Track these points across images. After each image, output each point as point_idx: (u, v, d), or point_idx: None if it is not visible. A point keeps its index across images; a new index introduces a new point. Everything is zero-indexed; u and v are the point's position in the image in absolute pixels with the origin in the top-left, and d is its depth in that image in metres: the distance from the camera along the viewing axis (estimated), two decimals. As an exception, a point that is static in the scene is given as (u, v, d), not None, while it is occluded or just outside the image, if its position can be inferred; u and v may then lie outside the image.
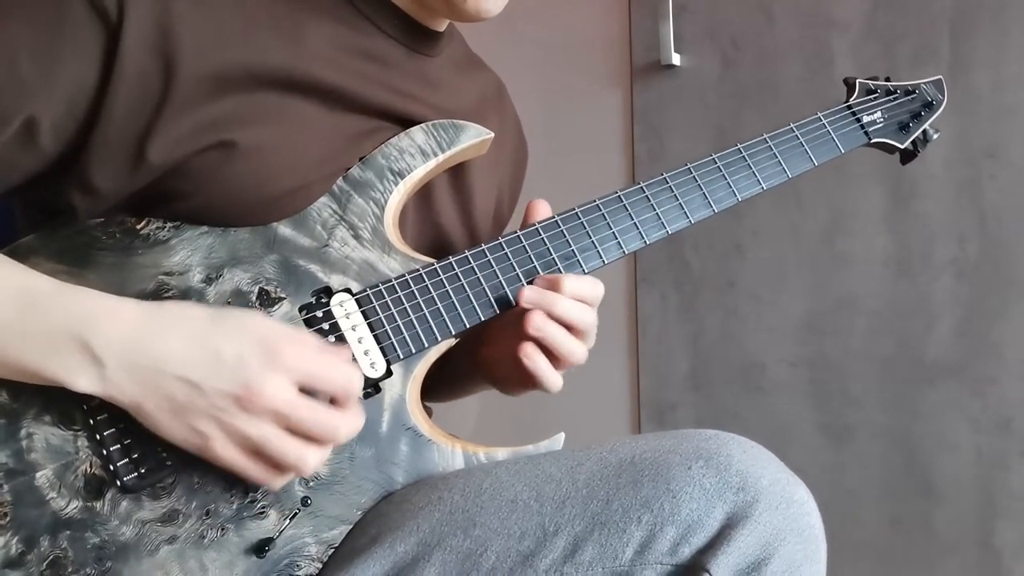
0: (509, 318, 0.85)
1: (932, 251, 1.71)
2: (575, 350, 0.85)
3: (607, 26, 1.94)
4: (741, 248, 1.84)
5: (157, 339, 0.70)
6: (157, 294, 0.76)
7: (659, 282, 1.90)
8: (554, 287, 0.84)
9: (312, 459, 0.72)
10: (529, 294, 0.83)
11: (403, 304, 0.81)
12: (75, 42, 0.73)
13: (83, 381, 0.69)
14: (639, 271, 1.92)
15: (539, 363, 0.84)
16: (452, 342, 0.83)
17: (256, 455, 0.71)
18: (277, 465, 0.72)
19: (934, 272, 1.71)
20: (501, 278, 0.84)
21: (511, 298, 0.84)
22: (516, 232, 0.86)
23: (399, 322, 0.81)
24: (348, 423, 0.74)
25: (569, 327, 0.84)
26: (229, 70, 0.76)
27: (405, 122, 0.87)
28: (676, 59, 1.86)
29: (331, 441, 0.73)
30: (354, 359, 0.79)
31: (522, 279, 0.85)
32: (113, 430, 0.72)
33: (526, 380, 0.86)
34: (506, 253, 0.85)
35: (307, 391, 0.72)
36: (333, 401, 0.74)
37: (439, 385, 1.05)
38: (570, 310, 0.83)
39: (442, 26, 0.93)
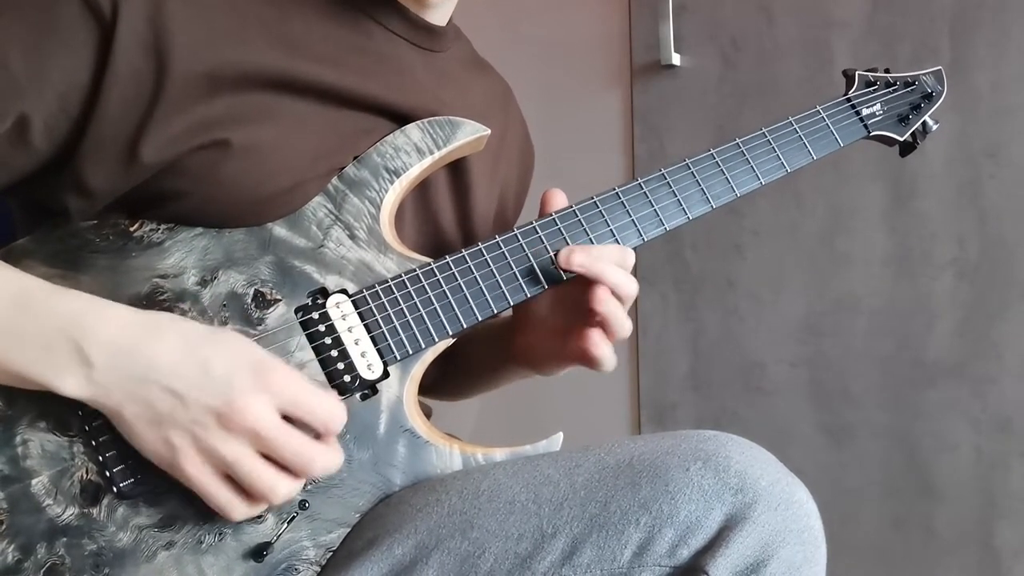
0: (541, 300, 0.84)
1: (932, 251, 1.71)
2: (626, 324, 0.85)
3: (607, 26, 1.94)
4: (740, 248, 1.83)
5: (148, 345, 0.69)
6: (151, 297, 0.75)
7: (659, 282, 1.90)
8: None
9: (283, 489, 0.70)
10: (580, 257, 0.82)
11: (400, 305, 0.81)
12: (68, 40, 0.73)
13: (70, 383, 0.68)
14: (639, 271, 1.91)
15: (602, 346, 0.84)
16: (450, 342, 0.83)
17: (225, 478, 0.70)
18: (245, 492, 0.70)
19: (934, 272, 1.70)
20: (498, 277, 0.84)
21: (508, 298, 0.83)
22: (513, 231, 0.85)
23: (396, 323, 0.80)
24: (325, 457, 0.72)
25: (619, 298, 0.84)
26: (222, 69, 0.76)
27: (406, 117, 0.86)
28: (676, 59, 1.86)
29: (304, 473, 0.71)
30: (350, 368, 0.78)
31: (519, 278, 0.84)
32: (108, 436, 0.71)
33: (576, 359, 0.86)
34: (503, 252, 0.84)
35: (290, 420, 0.71)
36: (316, 436, 0.72)
37: (467, 382, 1.04)
38: (619, 275, 0.83)
39: (442, 21, 0.93)
